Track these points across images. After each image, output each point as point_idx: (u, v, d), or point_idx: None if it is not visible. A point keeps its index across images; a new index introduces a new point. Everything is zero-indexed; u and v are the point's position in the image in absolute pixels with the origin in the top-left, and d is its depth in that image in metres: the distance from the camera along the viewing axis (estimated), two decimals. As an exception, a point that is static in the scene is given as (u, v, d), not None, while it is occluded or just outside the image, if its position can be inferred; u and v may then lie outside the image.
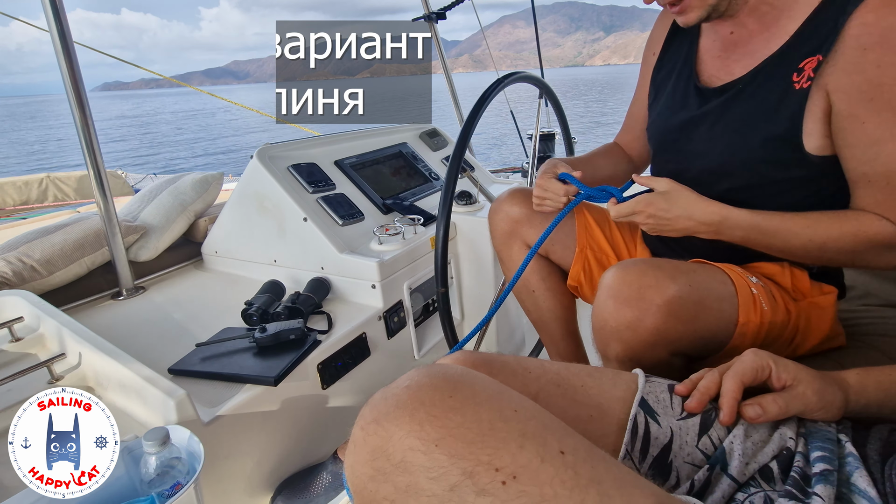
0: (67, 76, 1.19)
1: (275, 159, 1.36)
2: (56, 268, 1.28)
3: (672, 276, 0.71)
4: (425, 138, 1.86)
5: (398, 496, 0.38)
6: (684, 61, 0.91)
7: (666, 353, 0.74)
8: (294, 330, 1.02)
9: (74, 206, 3.28)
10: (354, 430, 0.42)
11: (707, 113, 0.84)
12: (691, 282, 0.72)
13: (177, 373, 0.98)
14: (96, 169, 1.26)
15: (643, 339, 0.71)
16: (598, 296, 0.76)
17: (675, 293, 0.70)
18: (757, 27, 0.79)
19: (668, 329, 0.70)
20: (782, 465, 0.51)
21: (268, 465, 0.97)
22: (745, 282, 0.77)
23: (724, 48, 0.85)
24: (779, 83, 0.76)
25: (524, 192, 1.08)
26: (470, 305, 1.50)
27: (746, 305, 0.75)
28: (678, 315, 0.70)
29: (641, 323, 0.70)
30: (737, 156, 0.80)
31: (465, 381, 0.41)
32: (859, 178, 0.72)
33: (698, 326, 0.73)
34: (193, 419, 0.81)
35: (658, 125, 0.95)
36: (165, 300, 1.34)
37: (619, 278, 0.73)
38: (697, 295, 0.72)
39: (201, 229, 1.58)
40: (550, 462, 0.36)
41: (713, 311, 0.73)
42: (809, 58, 0.73)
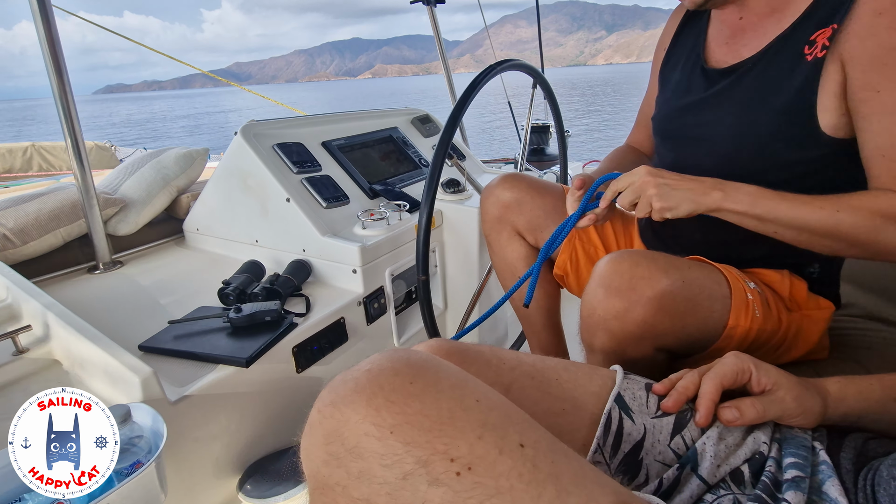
0: (45, 40, 1.15)
1: (260, 137, 1.32)
2: (29, 238, 1.25)
3: (665, 269, 0.70)
4: (417, 124, 1.83)
5: (350, 482, 0.36)
6: (692, 50, 0.90)
7: (651, 348, 0.72)
8: (270, 311, 1.00)
9: (59, 176, 3.22)
10: (312, 412, 0.40)
11: (714, 94, 0.82)
12: (685, 278, 0.71)
13: (147, 350, 0.95)
14: (74, 138, 1.22)
15: (629, 331, 0.70)
16: (588, 284, 0.74)
17: (666, 287, 0.68)
18: (766, 10, 0.77)
19: (656, 323, 0.69)
20: (754, 469, 0.50)
21: (237, 447, 0.95)
22: (741, 285, 0.75)
23: (732, 34, 0.83)
24: (789, 57, 0.73)
25: (517, 177, 1.07)
26: (453, 295, 1.49)
27: (738, 309, 0.73)
28: (667, 309, 0.69)
29: (629, 314, 0.69)
30: (746, 135, 0.77)
31: (428, 368, 0.39)
32: (874, 151, 0.68)
33: (686, 323, 0.71)
34: (160, 398, 0.79)
35: (663, 112, 0.93)
36: (142, 276, 1.31)
37: (612, 268, 0.71)
38: (689, 291, 0.70)
39: (183, 205, 1.55)
40: (509, 454, 0.35)
41: (703, 310, 0.72)
42: (822, 29, 0.70)
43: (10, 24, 38.86)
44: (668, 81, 0.94)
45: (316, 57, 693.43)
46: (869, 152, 0.69)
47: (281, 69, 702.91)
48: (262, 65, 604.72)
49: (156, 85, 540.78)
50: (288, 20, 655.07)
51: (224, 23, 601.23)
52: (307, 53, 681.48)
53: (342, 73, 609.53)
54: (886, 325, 0.97)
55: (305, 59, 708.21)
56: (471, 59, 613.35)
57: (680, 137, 0.88)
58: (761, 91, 0.76)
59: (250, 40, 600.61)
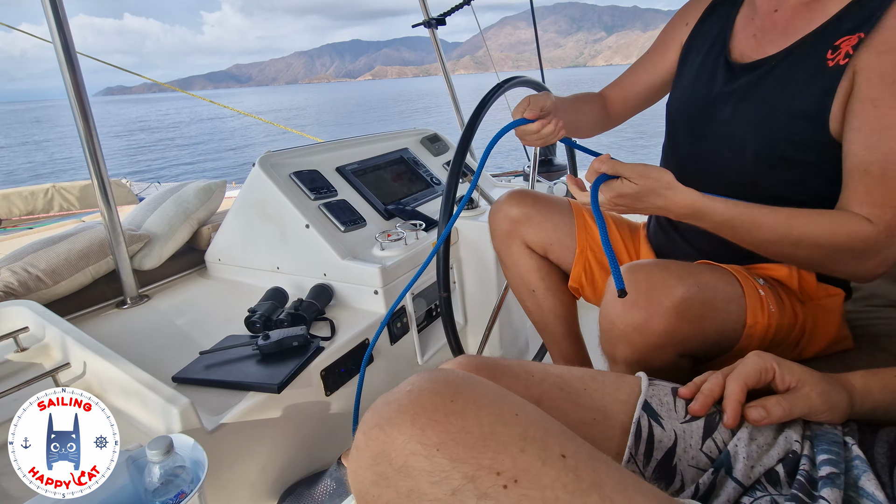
0: (71, 86, 1.20)
1: (276, 167, 1.36)
2: (61, 277, 1.29)
3: (679, 276, 0.70)
4: (426, 143, 1.86)
5: (400, 501, 0.38)
6: (716, 38, 0.89)
7: (674, 355, 0.73)
8: (297, 337, 1.03)
9: (79, 215, 3.31)
10: (357, 435, 0.42)
11: (735, 89, 0.82)
12: (699, 283, 0.71)
13: (180, 381, 0.98)
14: (100, 178, 1.27)
15: (651, 342, 0.70)
16: (605, 298, 0.75)
17: (682, 294, 0.69)
18: (801, 6, 0.77)
19: (677, 330, 0.69)
20: (788, 469, 0.50)
21: (272, 472, 0.97)
22: (752, 283, 0.76)
23: (762, 27, 0.82)
24: (812, 60, 0.74)
25: (524, 192, 1.09)
26: (473, 310, 1.50)
27: (754, 307, 0.74)
28: (686, 316, 0.69)
29: (649, 325, 0.69)
30: (761, 135, 0.78)
31: (467, 386, 0.41)
32: (856, 165, 0.69)
33: (706, 327, 0.72)
34: (197, 427, 0.81)
35: (681, 101, 0.92)
36: (169, 308, 1.34)
37: (627, 280, 0.71)
38: (705, 296, 0.71)
39: (205, 237, 1.59)
40: (552, 465, 0.36)
41: (721, 312, 0.72)
42: (848, 36, 0.70)
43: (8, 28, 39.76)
44: (688, 66, 0.93)
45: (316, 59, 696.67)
46: (851, 165, 0.69)
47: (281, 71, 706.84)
48: (262, 67, 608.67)
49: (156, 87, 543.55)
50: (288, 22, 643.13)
51: (224, 25, 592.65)
52: (307, 55, 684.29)
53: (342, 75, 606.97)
54: (911, 313, 0.97)
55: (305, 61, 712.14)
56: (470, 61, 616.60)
57: (700, 129, 0.87)
58: (782, 91, 0.76)
59: (250, 42, 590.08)
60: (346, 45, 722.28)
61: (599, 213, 0.71)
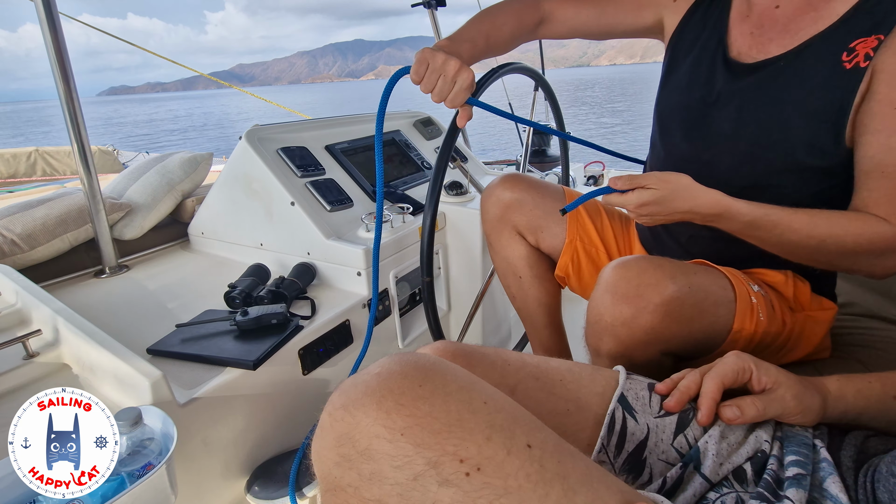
0: (52, 50, 1.16)
1: (264, 141, 1.34)
2: (37, 242, 1.26)
3: (672, 276, 0.69)
4: (419, 126, 1.84)
5: (362, 483, 0.37)
6: (711, 33, 0.85)
7: (657, 353, 0.73)
8: (276, 314, 1.01)
9: (63, 181, 3.24)
10: (322, 415, 0.41)
11: (740, 90, 0.79)
12: (691, 283, 0.70)
13: (155, 353, 0.96)
14: (80, 144, 1.23)
15: (637, 337, 0.70)
16: (595, 290, 0.74)
17: (673, 293, 0.68)
18: (804, 4, 0.75)
19: (664, 329, 0.69)
20: (756, 468, 0.51)
21: (244, 448, 0.96)
22: (745, 289, 0.75)
23: (759, 24, 0.80)
24: (825, 62, 0.71)
25: (517, 177, 1.08)
26: (457, 297, 1.50)
27: (743, 313, 0.73)
28: (675, 316, 0.68)
29: (637, 320, 0.69)
30: (773, 136, 0.75)
31: (436, 371, 0.40)
32: (873, 168, 0.68)
33: (693, 329, 0.71)
34: (169, 400, 0.80)
35: (674, 101, 0.88)
36: (149, 280, 1.32)
37: (619, 274, 0.71)
38: (696, 297, 0.70)
39: (188, 209, 1.56)
40: (517, 455, 0.36)
41: (709, 315, 0.72)
42: (865, 38, 0.69)
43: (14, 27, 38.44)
44: (678, 63, 0.89)
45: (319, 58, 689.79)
46: (868, 167, 0.69)
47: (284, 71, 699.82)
48: (265, 66, 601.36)
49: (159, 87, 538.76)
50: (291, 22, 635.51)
51: (227, 25, 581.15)
52: (310, 55, 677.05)
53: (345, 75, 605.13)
54: (888, 323, 0.98)
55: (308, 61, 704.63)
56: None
57: (699, 131, 0.84)
58: (795, 93, 0.74)
59: (254, 42, 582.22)
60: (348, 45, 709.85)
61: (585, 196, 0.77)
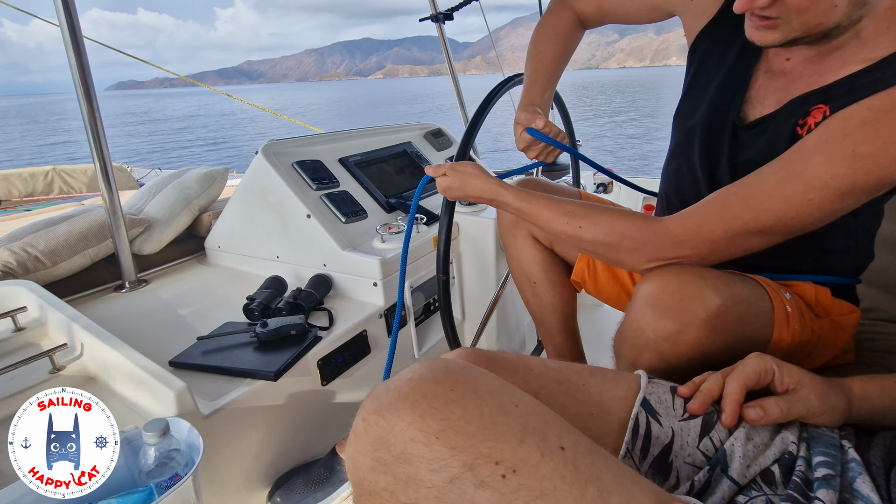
0: (76, 69, 1.19)
1: (279, 155, 1.36)
2: (60, 259, 1.29)
3: (715, 287, 0.66)
4: (430, 138, 1.86)
5: (398, 487, 0.38)
6: (737, 59, 0.81)
7: (700, 368, 0.67)
8: (295, 325, 1.02)
9: (79, 198, 3.30)
10: (356, 421, 0.42)
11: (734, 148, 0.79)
12: (734, 295, 0.67)
13: (178, 365, 0.98)
14: (102, 161, 1.26)
15: (682, 353, 0.66)
16: (634, 303, 0.71)
17: (719, 306, 0.64)
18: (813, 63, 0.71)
19: (709, 344, 0.65)
20: (784, 469, 0.51)
21: (266, 459, 0.97)
22: (780, 298, 0.72)
23: (768, 71, 0.78)
24: (787, 128, 0.71)
25: (533, 181, 1.09)
26: (471, 306, 1.50)
27: (781, 323, 0.70)
28: (720, 329, 0.65)
29: (682, 336, 0.65)
30: None
31: (467, 376, 0.41)
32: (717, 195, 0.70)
33: (735, 342, 0.67)
34: (193, 412, 0.81)
35: (699, 117, 0.84)
36: (168, 293, 1.34)
37: (660, 287, 0.67)
38: (739, 309, 0.67)
39: (205, 224, 1.59)
40: (550, 457, 0.36)
41: (750, 327, 0.69)
42: (819, 105, 0.68)
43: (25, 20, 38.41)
44: (704, 69, 0.86)
45: (326, 56, 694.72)
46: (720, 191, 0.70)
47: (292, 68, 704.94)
48: (272, 63, 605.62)
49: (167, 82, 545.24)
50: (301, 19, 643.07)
51: (237, 21, 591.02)
52: (318, 53, 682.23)
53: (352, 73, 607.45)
54: (912, 328, 0.97)
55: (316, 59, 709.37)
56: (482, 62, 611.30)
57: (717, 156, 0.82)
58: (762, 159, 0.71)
59: (263, 39, 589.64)
60: (356, 44, 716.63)
61: None
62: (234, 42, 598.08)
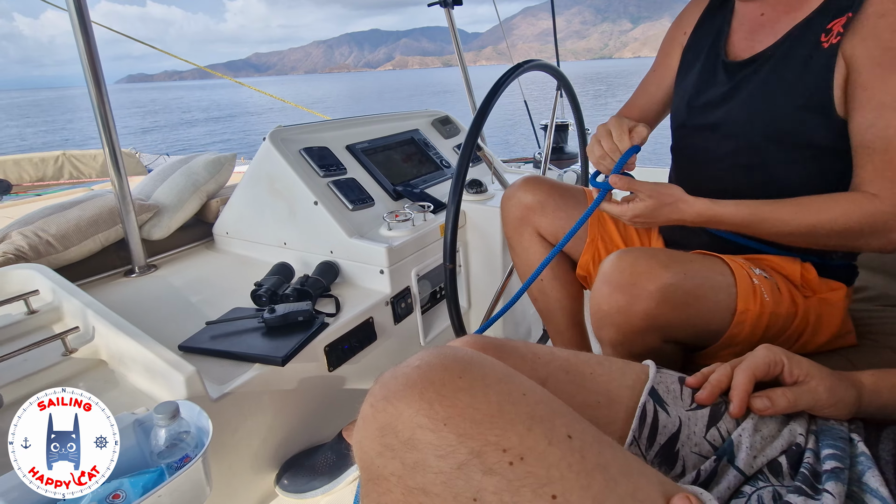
0: (85, 56, 1.19)
1: (287, 142, 1.36)
2: (71, 243, 1.30)
3: (666, 264, 0.73)
4: (437, 125, 1.85)
5: (405, 472, 0.38)
6: (713, 41, 0.92)
7: (658, 340, 0.76)
8: (302, 312, 1.03)
9: (89, 183, 3.32)
10: (364, 406, 0.42)
11: (734, 86, 0.85)
12: (686, 270, 0.74)
13: (187, 350, 0.99)
14: (111, 147, 1.26)
15: (634, 325, 0.73)
16: (595, 282, 0.78)
17: (667, 280, 0.72)
18: (784, 7, 0.81)
19: (659, 315, 0.72)
20: (791, 461, 0.50)
21: (273, 443, 0.98)
22: (745, 272, 0.78)
23: (751, 29, 0.86)
24: (806, 45, 0.77)
25: (538, 179, 1.08)
26: (477, 294, 1.50)
27: (745, 294, 0.75)
28: (670, 302, 0.72)
29: (632, 308, 0.72)
30: (764, 120, 0.81)
31: (475, 363, 0.41)
32: (859, 145, 0.73)
33: (691, 314, 0.74)
34: (202, 395, 0.82)
35: (684, 102, 0.95)
36: (177, 279, 1.35)
37: (614, 265, 0.75)
38: (691, 283, 0.73)
39: (213, 210, 1.59)
40: (557, 445, 0.36)
41: (708, 301, 0.75)
42: (838, 18, 0.74)
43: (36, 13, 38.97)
44: (688, 71, 0.96)
45: (335, 48, 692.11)
46: (856, 144, 0.73)
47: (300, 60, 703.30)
48: (281, 55, 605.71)
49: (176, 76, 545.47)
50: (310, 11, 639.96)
51: (246, 13, 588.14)
52: (326, 45, 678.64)
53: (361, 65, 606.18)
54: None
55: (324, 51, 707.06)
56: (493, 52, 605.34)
57: (699, 128, 0.91)
58: (780, 78, 0.79)
59: (272, 31, 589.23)
60: (364, 35, 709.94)
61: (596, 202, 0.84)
62: (244, 34, 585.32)
